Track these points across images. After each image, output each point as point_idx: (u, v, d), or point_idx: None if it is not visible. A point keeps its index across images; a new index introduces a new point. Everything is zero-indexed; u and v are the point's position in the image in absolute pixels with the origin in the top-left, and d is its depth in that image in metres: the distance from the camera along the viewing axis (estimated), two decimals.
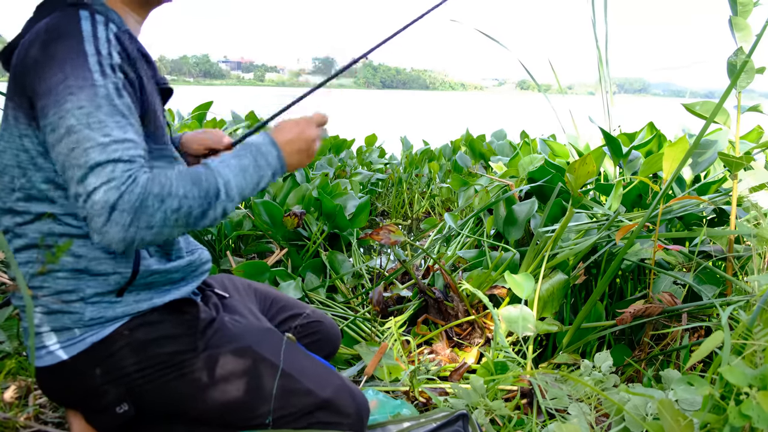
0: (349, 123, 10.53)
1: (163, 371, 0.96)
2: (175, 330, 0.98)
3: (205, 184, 0.87)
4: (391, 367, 1.66)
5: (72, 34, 0.85)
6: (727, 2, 1.52)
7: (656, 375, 1.54)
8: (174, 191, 0.83)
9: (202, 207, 0.86)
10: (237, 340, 1.03)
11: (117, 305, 0.95)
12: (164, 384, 0.97)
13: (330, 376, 1.07)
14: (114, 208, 0.78)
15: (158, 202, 0.81)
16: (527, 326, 1.59)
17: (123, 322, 0.95)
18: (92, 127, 0.81)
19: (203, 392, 0.98)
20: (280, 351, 1.04)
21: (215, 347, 1.00)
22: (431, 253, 2.47)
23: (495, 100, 69.96)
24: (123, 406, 0.96)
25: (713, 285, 1.65)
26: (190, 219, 0.86)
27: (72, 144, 0.80)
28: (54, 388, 0.98)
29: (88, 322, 0.93)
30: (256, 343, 1.04)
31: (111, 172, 0.79)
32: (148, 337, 0.96)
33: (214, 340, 1.01)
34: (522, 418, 1.37)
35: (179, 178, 0.85)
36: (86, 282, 0.93)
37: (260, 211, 2.52)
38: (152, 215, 0.81)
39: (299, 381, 1.02)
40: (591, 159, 1.80)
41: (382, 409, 1.33)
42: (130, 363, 0.95)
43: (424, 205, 4.67)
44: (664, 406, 0.88)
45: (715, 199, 1.91)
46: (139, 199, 0.80)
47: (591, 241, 1.84)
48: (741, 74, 1.47)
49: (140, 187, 0.80)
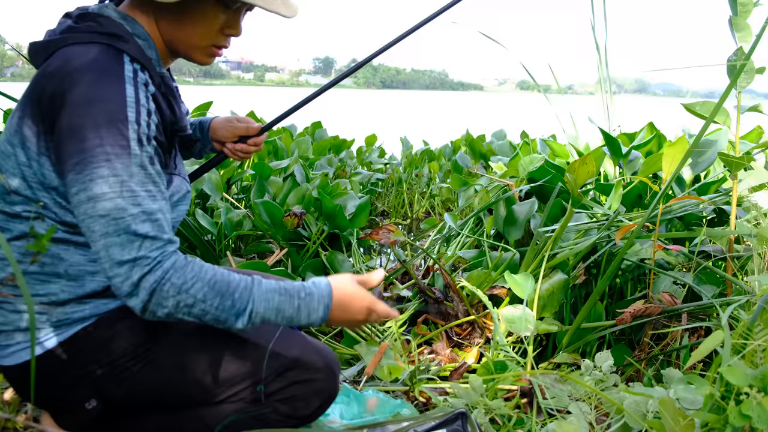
0: (349, 123, 10.53)
1: (131, 363, 0.97)
2: (136, 321, 0.99)
3: (229, 302, 0.88)
4: (391, 367, 1.66)
5: (115, 95, 0.85)
6: (727, 2, 1.52)
7: (656, 375, 1.54)
8: (193, 292, 0.85)
9: (217, 317, 0.88)
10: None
11: (86, 307, 0.96)
12: (134, 376, 0.97)
13: (293, 337, 1.08)
14: (136, 285, 0.83)
15: (174, 292, 0.84)
16: (527, 326, 1.59)
17: (89, 322, 0.96)
18: (124, 196, 0.83)
19: (174, 377, 0.99)
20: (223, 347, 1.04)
21: (178, 331, 1.01)
22: (431, 253, 2.47)
23: (495, 100, 69.95)
24: (91, 402, 0.97)
25: (713, 285, 1.65)
26: (204, 319, 0.88)
27: (101, 210, 0.82)
28: (23, 387, 0.99)
29: (55, 323, 0.94)
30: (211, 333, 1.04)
31: (138, 249, 0.83)
32: (112, 332, 0.97)
33: (177, 323, 1.01)
34: (522, 417, 1.37)
35: (209, 282, 0.87)
36: (62, 286, 0.94)
37: (260, 211, 2.52)
38: (165, 298, 0.84)
39: (265, 347, 1.03)
40: (591, 159, 1.80)
41: (382, 408, 1.33)
42: (95, 359, 0.96)
43: (424, 205, 4.67)
44: (665, 406, 0.88)
45: (715, 199, 1.91)
46: (157, 282, 0.83)
47: (591, 241, 1.84)
48: (741, 74, 1.47)
49: (162, 271, 0.84)
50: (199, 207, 2.78)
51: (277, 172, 3.19)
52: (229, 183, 3.09)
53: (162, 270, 0.83)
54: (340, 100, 41.33)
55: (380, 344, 1.70)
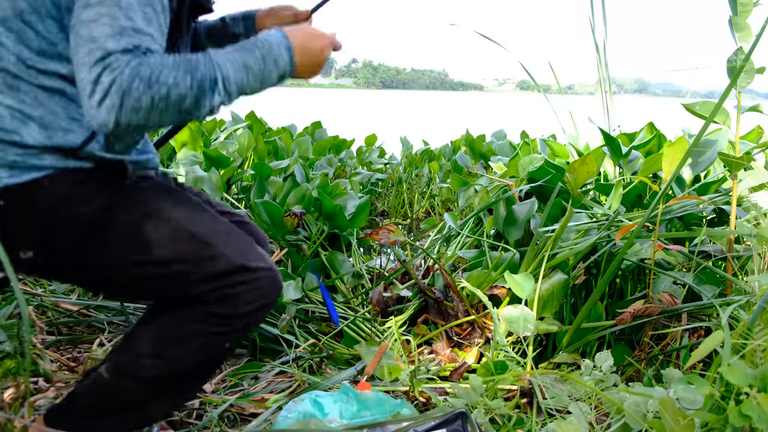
0: (349, 123, 10.53)
1: (79, 228, 0.95)
2: (96, 188, 0.97)
3: (199, 74, 0.86)
4: (391, 367, 1.66)
5: None
6: (727, 2, 1.52)
7: (656, 375, 1.54)
8: (163, 79, 0.83)
9: (194, 97, 0.86)
10: (157, 202, 1.02)
11: (45, 156, 0.93)
12: (79, 240, 0.95)
13: (243, 242, 1.06)
14: (107, 92, 0.80)
15: (144, 87, 0.82)
16: (527, 326, 1.59)
17: (46, 173, 0.93)
18: (121, 5, 0.82)
19: (118, 249, 0.97)
20: (199, 221, 1.03)
21: (135, 206, 0.99)
22: (431, 253, 2.47)
23: (495, 100, 69.96)
24: (28, 253, 0.95)
25: (713, 285, 1.64)
26: (182, 107, 0.86)
27: (94, 15, 0.82)
28: None
29: (10, 162, 0.92)
30: (175, 208, 1.03)
31: (116, 59, 0.81)
32: (69, 192, 0.95)
33: (137, 200, 1.00)
34: (522, 417, 1.37)
35: (174, 65, 0.85)
36: (30, 130, 0.92)
37: (260, 211, 2.52)
38: (138, 99, 0.82)
39: (214, 247, 1.01)
40: (591, 159, 1.80)
41: (382, 408, 1.33)
42: (44, 213, 0.94)
43: (424, 205, 4.67)
44: (665, 405, 0.88)
45: (715, 199, 1.91)
46: (126, 82, 0.81)
47: (591, 241, 1.84)
48: (741, 74, 1.47)
49: (130, 69, 0.81)
50: None
51: (277, 172, 3.19)
52: (229, 183, 3.09)
53: (130, 69, 0.81)
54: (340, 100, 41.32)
55: (380, 344, 1.71)
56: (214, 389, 1.57)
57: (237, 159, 3.29)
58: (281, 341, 1.85)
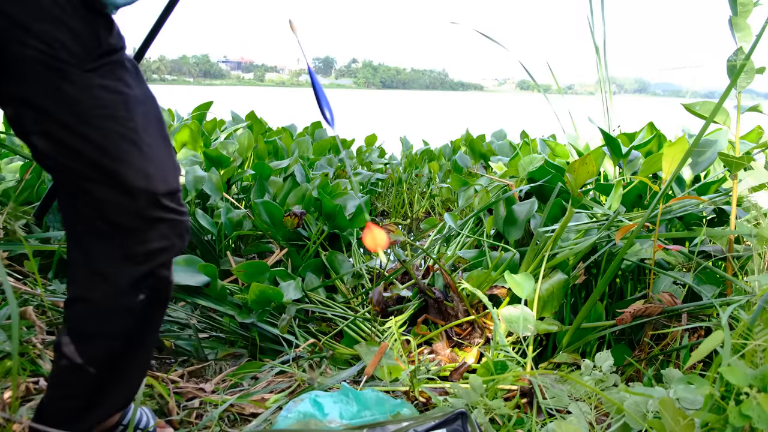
0: (349, 123, 10.53)
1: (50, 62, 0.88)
2: (74, 37, 0.90)
3: None
4: (391, 367, 1.66)
5: None
6: (727, 2, 1.52)
7: (656, 375, 1.54)
8: None
9: None
10: (122, 87, 0.94)
11: None
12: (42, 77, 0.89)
13: (167, 168, 0.98)
14: None
15: None
16: (527, 326, 1.59)
17: None
18: None
19: (70, 102, 0.90)
20: (149, 125, 0.96)
21: (101, 76, 0.92)
22: (431, 253, 2.47)
23: (495, 100, 69.93)
24: None
25: (713, 285, 1.65)
26: None
27: None
28: None
29: None
30: (134, 104, 0.95)
31: None
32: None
33: (104, 71, 0.93)
34: (522, 417, 1.37)
35: None
36: None
37: (260, 211, 2.52)
38: None
39: (136, 154, 0.93)
40: (591, 159, 1.80)
41: (382, 408, 1.33)
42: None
43: (424, 205, 4.67)
44: (665, 406, 0.88)
45: (715, 199, 1.91)
46: None
47: (591, 241, 1.84)
48: (741, 74, 1.47)
49: None
50: (199, 207, 2.78)
51: (277, 172, 3.19)
52: (229, 183, 3.10)
53: None
54: (340, 100, 41.30)
55: (380, 344, 1.71)
56: (214, 389, 1.57)
57: (237, 159, 3.29)
58: (281, 341, 1.85)
